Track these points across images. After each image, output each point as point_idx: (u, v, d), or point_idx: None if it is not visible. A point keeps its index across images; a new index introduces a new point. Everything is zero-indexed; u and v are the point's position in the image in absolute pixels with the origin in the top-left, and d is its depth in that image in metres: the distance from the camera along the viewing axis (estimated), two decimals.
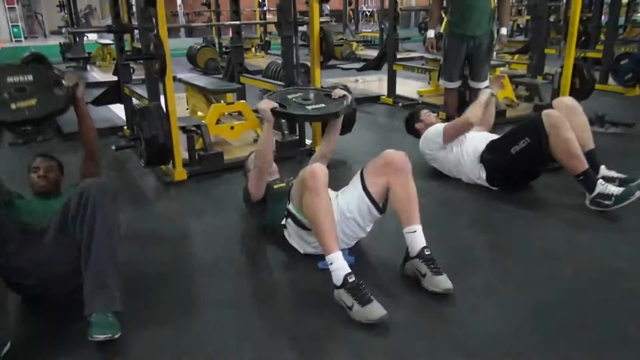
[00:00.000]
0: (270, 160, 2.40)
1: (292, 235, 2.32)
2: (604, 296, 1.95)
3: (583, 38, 6.33)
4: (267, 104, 2.31)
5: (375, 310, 1.77)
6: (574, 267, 2.15)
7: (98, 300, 1.71)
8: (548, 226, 2.57)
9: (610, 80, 5.91)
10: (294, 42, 3.72)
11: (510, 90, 5.11)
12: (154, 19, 3.08)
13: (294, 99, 2.49)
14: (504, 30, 3.81)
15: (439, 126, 3.18)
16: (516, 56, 6.74)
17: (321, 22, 3.62)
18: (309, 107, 2.43)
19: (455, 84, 3.94)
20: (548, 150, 2.70)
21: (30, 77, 2.05)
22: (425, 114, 3.38)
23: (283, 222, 2.32)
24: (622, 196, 2.56)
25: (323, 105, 2.47)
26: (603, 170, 2.88)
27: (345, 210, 2.15)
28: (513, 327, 1.77)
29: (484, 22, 3.63)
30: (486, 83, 3.77)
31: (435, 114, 3.43)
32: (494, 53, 4.08)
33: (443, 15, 5.37)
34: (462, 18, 3.63)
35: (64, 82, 2.08)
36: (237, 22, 4.29)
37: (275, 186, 2.47)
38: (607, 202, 2.59)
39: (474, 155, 3.03)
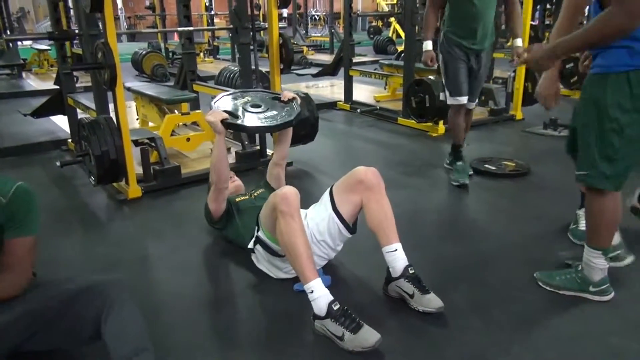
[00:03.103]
0: (226, 178, 2.28)
1: (261, 260, 2.16)
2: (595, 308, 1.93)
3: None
4: (216, 116, 2.17)
5: (370, 336, 1.65)
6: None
7: None
8: (518, 234, 2.56)
9: None
10: (251, 48, 3.58)
11: None
12: (101, 25, 2.85)
13: (242, 106, 2.36)
14: (519, 42, 3.12)
15: None
16: None
17: (280, 28, 3.49)
18: (262, 116, 2.32)
19: (465, 99, 3.23)
20: None
21: None
22: None
23: (251, 246, 2.16)
24: None
25: (275, 112, 2.36)
26: None
27: (315, 232, 2.03)
28: (504, 345, 1.71)
29: (490, 33, 3.08)
30: (475, 104, 3.36)
31: None
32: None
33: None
34: (464, 29, 3.05)
35: None
36: (190, 28, 4.08)
37: (238, 199, 2.37)
38: None
39: None
